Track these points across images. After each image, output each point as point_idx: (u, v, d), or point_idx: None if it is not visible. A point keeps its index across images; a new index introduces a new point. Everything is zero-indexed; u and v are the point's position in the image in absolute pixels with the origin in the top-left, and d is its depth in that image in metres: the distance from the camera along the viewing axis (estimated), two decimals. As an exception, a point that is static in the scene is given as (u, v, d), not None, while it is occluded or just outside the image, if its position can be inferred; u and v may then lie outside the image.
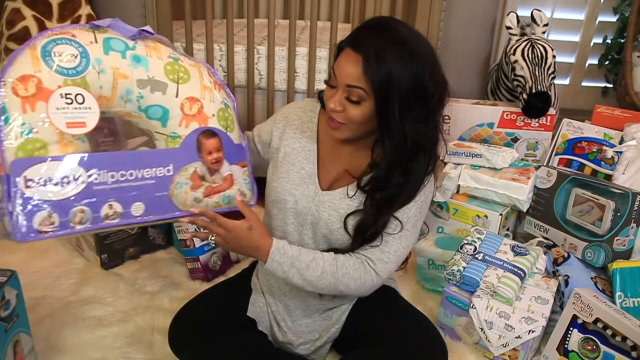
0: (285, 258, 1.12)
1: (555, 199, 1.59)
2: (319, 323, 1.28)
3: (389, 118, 1.06)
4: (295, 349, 1.28)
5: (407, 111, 1.06)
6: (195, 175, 1.12)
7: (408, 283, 1.66)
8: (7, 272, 1.11)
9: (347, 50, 1.07)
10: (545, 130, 1.89)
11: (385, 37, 1.05)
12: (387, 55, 1.02)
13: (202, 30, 2.14)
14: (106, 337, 1.39)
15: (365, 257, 1.15)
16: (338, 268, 1.13)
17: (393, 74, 1.02)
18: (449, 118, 1.96)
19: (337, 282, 1.14)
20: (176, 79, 1.11)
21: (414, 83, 1.05)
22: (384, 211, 1.13)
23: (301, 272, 1.12)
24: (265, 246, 1.11)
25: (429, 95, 1.08)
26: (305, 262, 1.12)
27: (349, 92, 1.07)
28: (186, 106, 1.11)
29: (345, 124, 1.11)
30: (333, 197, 1.18)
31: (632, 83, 2.26)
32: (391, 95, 1.04)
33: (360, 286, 1.16)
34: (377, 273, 1.15)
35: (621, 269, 1.40)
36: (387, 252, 1.16)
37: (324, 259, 1.14)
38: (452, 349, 1.38)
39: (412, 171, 1.12)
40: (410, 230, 1.17)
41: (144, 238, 1.77)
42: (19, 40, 1.69)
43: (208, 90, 1.15)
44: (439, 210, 1.73)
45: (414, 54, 1.05)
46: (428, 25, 2.00)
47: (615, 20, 2.57)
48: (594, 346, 1.27)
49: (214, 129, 1.14)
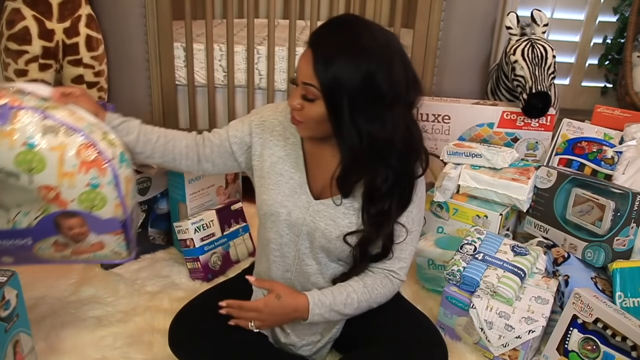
0: (324, 309, 1.14)
1: (555, 199, 1.59)
2: (321, 324, 1.28)
3: (340, 118, 1.05)
4: (297, 350, 1.28)
5: (359, 111, 1.04)
6: (56, 243, 1.15)
7: (408, 283, 1.66)
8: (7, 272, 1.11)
9: (306, 47, 1.08)
10: (545, 130, 1.89)
11: (340, 36, 1.05)
12: (336, 55, 1.02)
13: (202, 30, 2.14)
14: (106, 337, 1.39)
15: (388, 271, 1.20)
16: (370, 293, 1.17)
17: (341, 74, 1.01)
18: (449, 118, 1.96)
19: (371, 304, 1.19)
20: (28, 169, 1.08)
21: (363, 83, 1.02)
22: (383, 224, 1.14)
23: (340, 313, 1.16)
24: (302, 305, 1.14)
25: (382, 95, 1.04)
26: (342, 303, 1.15)
27: (306, 90, 1.07)
28: (42, 192, 1.10)
29: (304, 122, 1.11)
30: (328, 206, 1.18)
31: (632, 83, 2.26)
32: (339, 94, 1.03)
33: (389, 296, 1.22)
34: (400, 280, 1.22)
35: (621, 269, 1.39)
36: (404, 258, 1.20)
37: (356, 292, 1.16)
38: (452, 349, 1.38)
39: (392, 176, 1.10)
40: (417, 229, 1.22)
41: (144, 238, 1.77)
42: (19, 40, 1.69)
43: (68, 176, 1.10)
44: (439, 210, 1.72)
45: (365, 54, 1.02)
46: (428, 25, 2.00)
47: (615, 20, 2.57)
48: (594, 346, 1.27)
49: (74, 211, 1.13)
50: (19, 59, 1.71)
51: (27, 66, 1.72)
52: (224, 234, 1.73)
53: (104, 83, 1.94)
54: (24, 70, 1.73)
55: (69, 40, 1.77)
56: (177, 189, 1.74)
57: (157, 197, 1.77)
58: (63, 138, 1.10)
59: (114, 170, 1.15)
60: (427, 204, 1.74)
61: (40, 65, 1.74)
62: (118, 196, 1.17)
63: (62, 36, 1.75)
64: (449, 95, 2.06)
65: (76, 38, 1.79)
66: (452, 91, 2.08)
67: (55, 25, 1.73)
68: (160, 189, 1.77)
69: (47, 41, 1.72)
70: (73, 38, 1.78)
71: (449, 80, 2.09)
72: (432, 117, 1.97)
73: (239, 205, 1.81)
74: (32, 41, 1.70)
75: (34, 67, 1.73)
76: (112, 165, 1.15)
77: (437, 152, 1.96)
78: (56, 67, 1.79)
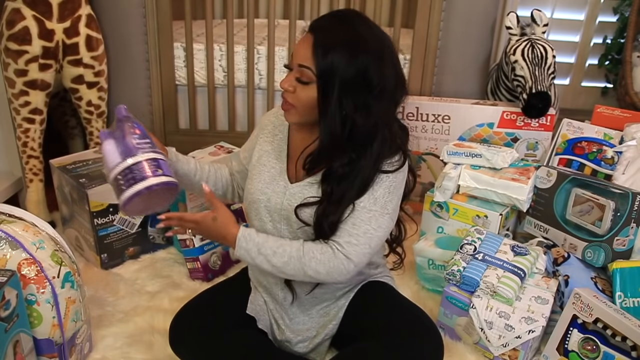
0: (251, 245, 1.14)
1: (555, 199, 1.59)
2: (317, 320, 1.29)
3: (329, 101, 1.09)
4: (293, 347, 1.28)
5: (347, 98, 1.08)
6: None
7: (408, 283, 1.66)
8: (7, 272, 1.11)
9: (306, 32, 1.12)
10: (545, 130, 1.89)
11: (341, 26, 1.10)
12: (336, 42, 1.07)
13: (202, 30, 2.14)
14: (106, 337, 1.39)
15: (333, 242, 1.14)
16: (304, 253, 1.13)
17: (338, 61, 1.06)
18: (449, 118, 1.96)
19: (304, 267, 1.13)
20: None
21: (357, 74, 1.07)
22: (336, 205, 1.14)
23: (268, 259, 1.14)
24: (231, 234, 1.15)
25: (372, 86, 1.09)
26: (272, 249, 1.14)
27: (301, 73, 1.10)
28: None
29: (295, 106, 1.13)
30: (302, 188, 1.19)
31: (632, 83, 2.26)
32: (333, 79, 1.07)
33: (330, 270, 1.13)
34: (346, 256, 1.12)
35: (621, 269, 1.39)
36: (355, 234, 1.13)
37: (291, 245, 1.15)
38: (452, 349, 1.39)
39: (356, 162, 1.12)
40: (379, 211, 1.14)
41: (143, 238, 1.77)
42: (19, 40, 1.69)
43: None
44: (439, 210, 1.72)
45: (362, 47, 1.08)
46: (428, 25, 2.00)
47: (615, 20, 2.57)
48: (594, 346, 1.27)
49: None
50: (19, 59, 1.71)
51: (27, 66, 1.72)
52: (224, 234, 1.73)
53: (104, 83, 1.94)
54: (24, 70, 1.73)
55: (69, 40, 1.77)
56: (177, 189, 1.74)
57: (157, 197, 1.77)
58: (6, 251, 1.15)
59: (54, 289, 1.18)
60: (427, 204, 1.74)
61: (40, 65, 1.74)
62: (56, 316, 1.19)
63: (62, 36, 1.75)
64: (449, 95, 2.06)
65: (76, 38, 1.79)
66: (452, 91, 2.08)
67: (55, 25, 1.73)
68: (160, 189, 1.77)
69: (47, 41, 1.72)
70: (73, 38, 1.78)
71: (449, 80, 2.09)
72: (432, 117, 1.97)
73: (238, 205, 1.81)
74: (32, 41, 1.70)
75: (34, 67, 1.73)
76: (52, 284, 1.18)
77: (437, 152, 1.96)
78: (56, 67, 1.79)
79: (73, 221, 1.76)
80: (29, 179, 1.88)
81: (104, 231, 1.67)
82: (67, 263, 1.23)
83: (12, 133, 1.91)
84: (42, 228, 1.25)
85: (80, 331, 1.28)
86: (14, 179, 2.01)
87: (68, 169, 1.71)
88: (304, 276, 1.15)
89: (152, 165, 1.07)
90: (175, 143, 2.01)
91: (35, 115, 1.80)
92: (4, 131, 1.98)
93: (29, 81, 1.75)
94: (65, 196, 1.76)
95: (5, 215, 1.24)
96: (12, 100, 1.78)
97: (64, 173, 1.70)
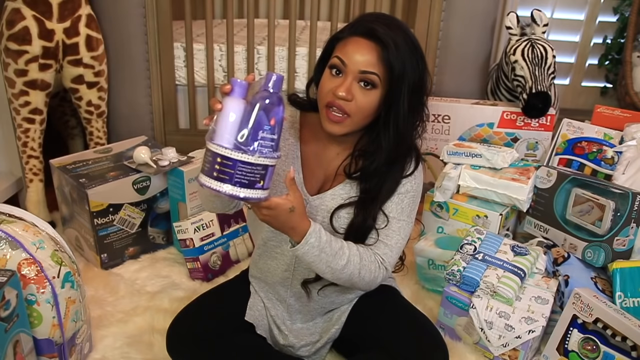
0: (319, 242, 1.06)
1: (555, 199, 1.59)
2: (320, 325, 1.28)
3: (398, 107, 1.09)
4: (297, 351, 1.28)
5: (411, 101, 1.10)
6: None
7: (408, 283, 1.66)
8: (7, 272, 1.11)
9: (355, 39, 1.08)
10: (545, 130, 1.89)
11: (397, 30, 1.08)
12: (402, 46, 1.07)
13: (202, 30, 2.14)
14: (106, 337, 1.39)
15: (374, 252, 1.15)
16: (361, 258, 1.12)
17: (407, 65, 1.07)
18: (449, 118, 1.96)
19: (358, 273, 1.12)
20: None
21: (419, 78, 1.10)
22: (371, 204, 1.14)
23: (329, 259, 1.08)
24: (302, 228, 1.05)
25: (427, 91, 1.14)
26: (334, 249, 1.09)
27: (362, 79, 1.07)
28: None
29: (350, 116, 1.09)
30: (324, 200, 1.17)
31: (632, 83, 2.26)
32: (402, 84, 1.08)
33: (372, 280, 1.15)
34: (386, 268, 1.16)
35: (621, 269, 1.39)
36: (390, 245, 1.16)
37: (350, 249, 1.11)
38: (452, 349, 1.38)
39: (396, 163, 1.15)
40: (406, 220, 1.18)
41: (143, 238, 1.77)
42: (19, 40, 1.69)
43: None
44: (439, 210, 1.72)
45: (419, 51, 1.11)
46: (428, 25, 2.00)
47: (615, 20, 2.57)
48: (594, 346, 1.27)
49: None
50: (19, 59, 1.71)
51: (27, 66, 1.72)
52: (224, 233, 1.73)
53: (104, 83, 1.94)
54: (24, 70, 1.73)
55: (69, 40, 1.77)
56: (176, 189, 1.74)
57: (156, 196, 1.77)
58: (6, 251, 1.15)
59: (54, 289, 1.17)
60: (427, 204, 1.74)
61: (40, 65, 1.74)
62: (56, 316, 1.18)
63: (62, 36, 1.75)
64: (449, 95, 2.06)
65: (76, 38, 1.78)
66: (452, 91, 2.08)
67: (55, 25, 1.73)
68: (160, 188, 1.77)
69: (47, 41, 1.72)
70: (73, 38, 1.78)
71: (449, 80, 2.09)
72: (432, 117, 1.97)
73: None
74: (32, 41, 1.70)
75: (34, 67, 1.73)
76: (52, 284, 1.17)
77: (437, 152, 1.96)
78: (56, 67, 1.79)
79: (73, 221, 1.76)
80: (29, 179, 1.88)
81: (104, 231, 1.67)
82: (67, 263, 1.23)
83: (12, 133, 1.90)
84: (42, 228, 1.25)
85: (80, 331, 1.27)
86: (14, 179, 2.01)
87: (68, 169, 1.71)
88: (349, 281, 1.13)
89: (257, 174, 0.93)
90: (175, 143, 2.00)
91: (35, 115, 1.80)
92: (4, 131, 1.98)
93: (29, 81, 1.75)
94: (65, 196, 1.76)
95: (5, 215, 1.24)
96: (12, 100, 1.78)
97: (64, 173, 1.70)
